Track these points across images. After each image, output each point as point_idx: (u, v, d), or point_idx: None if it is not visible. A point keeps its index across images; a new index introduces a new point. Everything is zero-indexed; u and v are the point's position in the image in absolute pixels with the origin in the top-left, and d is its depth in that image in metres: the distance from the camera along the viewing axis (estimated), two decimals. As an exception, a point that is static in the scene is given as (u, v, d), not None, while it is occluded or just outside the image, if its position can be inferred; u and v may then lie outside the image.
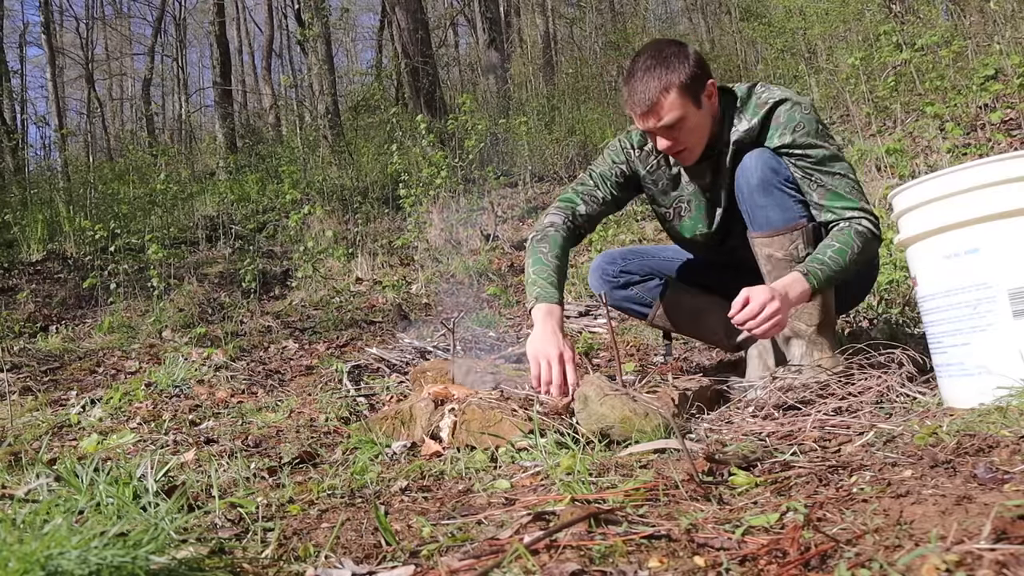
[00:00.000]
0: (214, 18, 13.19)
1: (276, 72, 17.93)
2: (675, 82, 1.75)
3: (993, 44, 5.41)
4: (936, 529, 0.80)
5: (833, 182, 1.80)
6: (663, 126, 1.79)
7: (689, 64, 1.78)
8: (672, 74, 1.75)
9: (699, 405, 1.78)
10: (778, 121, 1.83)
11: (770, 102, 1.84)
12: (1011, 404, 1.33)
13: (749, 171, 1.82)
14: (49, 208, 7.50)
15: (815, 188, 1.81)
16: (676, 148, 1.85)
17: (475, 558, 0.90)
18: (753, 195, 1.82)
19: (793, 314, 1.88)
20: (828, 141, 1.83)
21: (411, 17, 9.02)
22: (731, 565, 0.81)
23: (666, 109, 1.76)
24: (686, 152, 1.87)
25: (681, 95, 1.76)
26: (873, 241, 1.79)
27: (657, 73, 1.75)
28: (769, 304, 1.65)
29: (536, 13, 13.98)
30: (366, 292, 4.96)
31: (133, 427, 2.21)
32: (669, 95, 1.75)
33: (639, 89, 1.77)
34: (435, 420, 1.74)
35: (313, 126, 10.15)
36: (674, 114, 1.76)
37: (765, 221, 1.84)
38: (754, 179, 1.81)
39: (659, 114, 1.77)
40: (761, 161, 1.81)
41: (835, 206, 1.80)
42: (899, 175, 3.91)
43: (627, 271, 2.24)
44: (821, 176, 1.80)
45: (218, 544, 1.02)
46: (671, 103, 1.76)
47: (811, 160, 1.81)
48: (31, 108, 20.09)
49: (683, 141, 1.83)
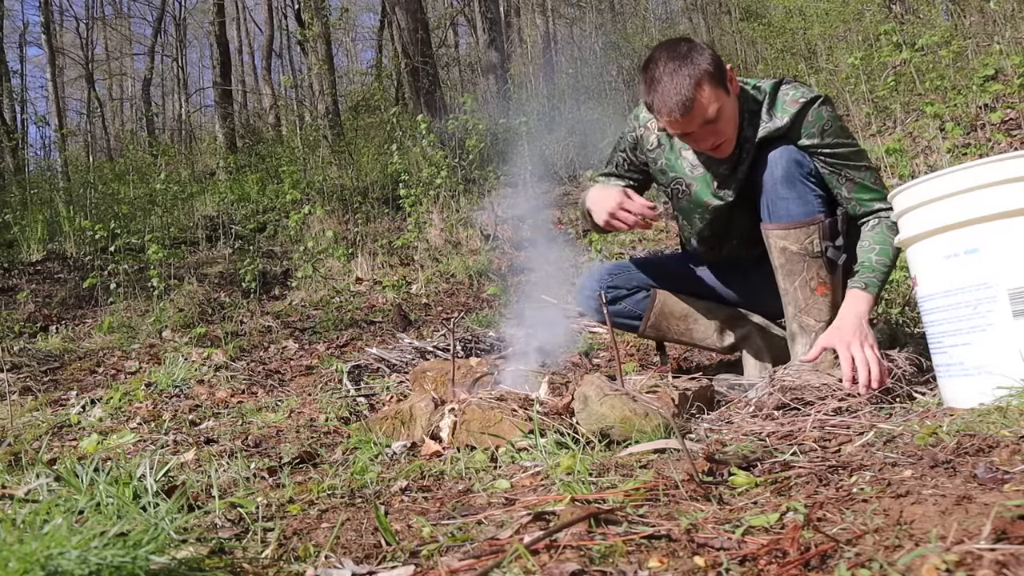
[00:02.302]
0: (214, 18, 13.19)
1: (276, 72, 17.93)
2: (704, 74, 1.71)
3: (993, 44, 5.41)
4: (936, 529, 0.80)
5: (860, 176, 1.86)
6: (707, 121, 1.74)
7: (708, 53, 1.77)
8: (698, 68, 1.71)
9: (699, 405, 1.79)
10: (808, 120, 1.84)
11: (801, 101, 1.84)
12: (1011, 404, 1.33)
13: (775, 164, 1.85)
14: (49, 208, 7.50)
15: (844, 183, 1.87)
16: (717, 141, 1.82)
17: (475, 558, 0.90)
18: (777, 187, 1.85)
19: (802, 309, 1.88)
20: (852, 137, 1.89)
21: (411, 17, 9.01)
22: (731, 565, 0.81)
23: (706, 102, 1.72)
24: (725, 144, 1.85)
25: (712, 85, 1.73)
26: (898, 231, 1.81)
27: (685, 72, 1.71)
28: (863, 350, 1.69)
29: (536, 13, 13.98)
30: (366, 292, 4.96)
31: (133, 427, 2.21)
32: (704, 89, 1.71)
33: (671, 92, 1.71)
34: (435, 420, 1.74)
35: (313, 126, 10.14)
36: (714, 106, 1.73)
37: (785, 213, 1.86)
38: (779, 171, 1.84)
39: (702, 110, 1.73)
40: (787, 154, 1.84)
41: (864, 198, 1.87)
42: (899, 175, 3.91)
43: (614, 286, 2.23)
44: (849, 171, 1.86)
45: (218, 544, 1.02)
46: (708, 96, 1.72)
47: (840, 156, 1.86)
48: (31, 108, 20.07)
49: (723, 132, 1.81)
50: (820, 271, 1.86)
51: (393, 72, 10.76)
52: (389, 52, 12.60)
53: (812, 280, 1.87)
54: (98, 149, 17.02)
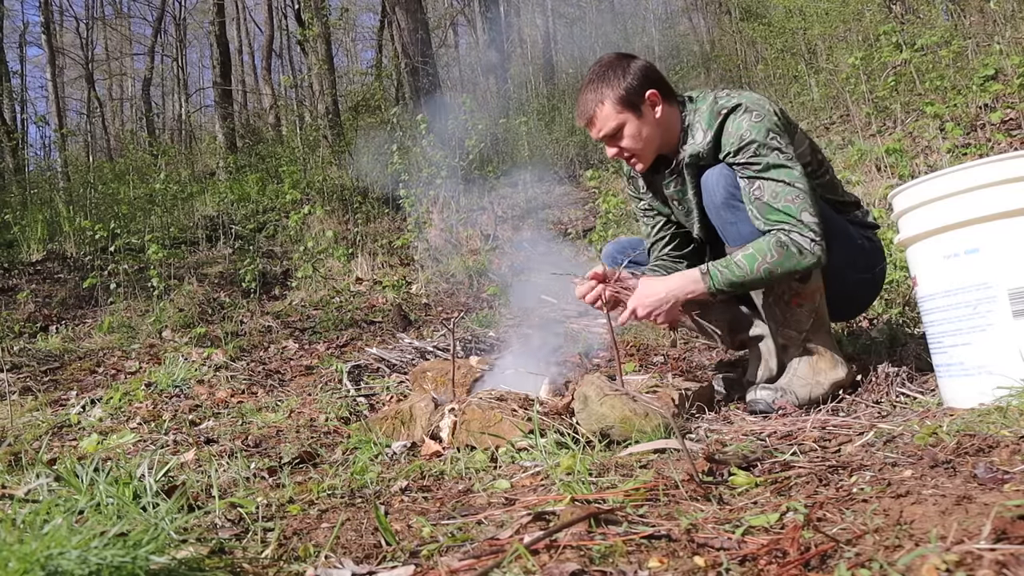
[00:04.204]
0: (214, 18, 13.18)
1: (276, 72, 17.92)
2: (609, 95, 1.87)
3: (993, 44, 5.41)
4: (936, 529, 0.80)
5: (774, 190, 1.74)
6: (603, 136, 1.91)
7: (626, 76, 1.87)
8: (607, 88, 1.87)
9: (699, 405, 1.79)
10: (727, 131, 1.81)
11: (723, 112, 1.83)
12: (1011, 404, 1.33)
13: (712, 190, 1.83)
14: (49, 208, 7.50)
15: (753, 201, 1.77)
16: (622, 156, 1.95)
17: (475, 558, 0.90)
18: (720, 212, 1.83)
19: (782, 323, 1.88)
20: (779, 148, 1.76)
21: (411, 17, 9.01)
22: (731, 565, 0.81)
23: (601, 120, 1.89)
24: (635, 159, 1.95)
25: (616, 106, 1.86)
26: (798, 255, 1.71)
27: (594, 87, 1.89)
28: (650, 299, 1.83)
29: (536, 13, 13.98)
30: (366, 292, 4.96)
31: (133, 427, 2.21)
32: (604, 107, 1.87)
33: (580, 103, 1.93)
34: (435, 420, 1.74)
35: (313, 126, 10.14)
36: (612, 124, 1.88)
37: (736, 235, 1.83)
38: (718, 197, 1.82)
39: (596, 125, 1.90)
40: (723, 178, 1.81)
41: (770, 219, 1.74)
42: (899, 175, 3.91)
43: (635, 262, 2.25)
44: (763, 185, 1.75)
45: (218, 544, 1.02)
46: (606, 114, 1.88)
47: (754, 169, 1.77)
48: (31, 108, 20.08)
49: (628, 149, 1.92)
50: (792, 283, 1.82)
51: (393, 72, 10.77)
52: (389, 52, 12.60)
53: (785, 294, 1.85)
54: (98, 149, 17.02)
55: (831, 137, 5.74)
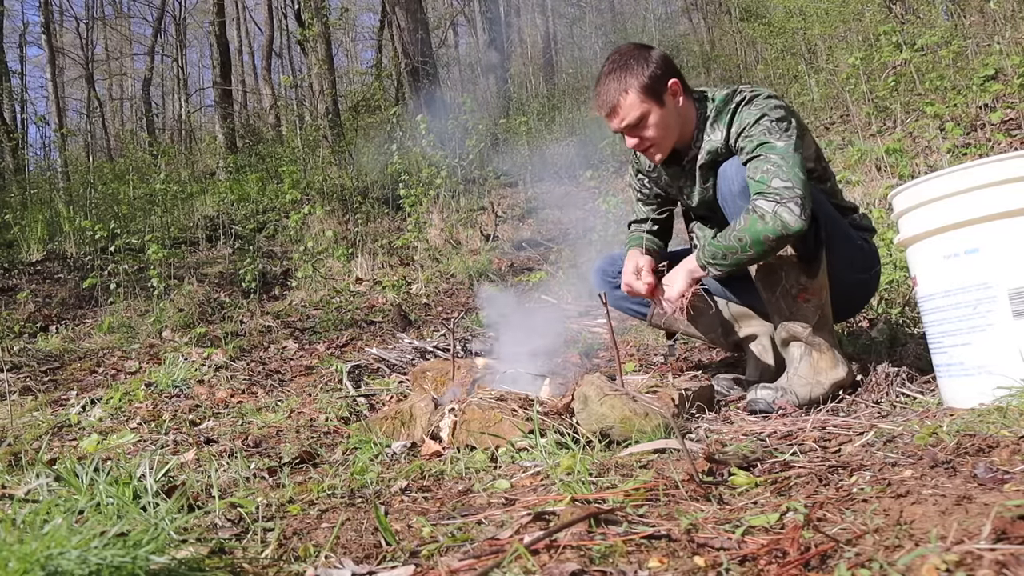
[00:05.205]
0: (214, 18, 13.18)
1: (276, 72, 17.93)
2: (634, 84, 1.85)
3: (993, 44, 5.42)
4: (936, 529, 0.80)
5: (757, 166, 1.74)
6: (626, 125, 1.89)
7: (649, 65, 1.86)
8: (631, 76, 1.86)
9: (699, 405, 1.79)
10: (735, 124, 1.85)
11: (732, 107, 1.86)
12: (1011, 404, 1.33)
13: (730, 178, 1.84)
14: (49, 208, 7.50)
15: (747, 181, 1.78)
16: (643, 146, 1.93)
17: (475, 558, 0.90)
18: (736, 200, 1.84)
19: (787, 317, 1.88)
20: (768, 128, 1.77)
21: (411, 17, 9.02)
22: (731, 565, 0.81)
23: (625, 109, 1.87)
24: (654, 148, 1.94)
25: (640, 95, 1.85)
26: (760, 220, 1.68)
27: (617, 76, 1.87)
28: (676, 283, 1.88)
29: (536, 13, 13.98)
30: (366, 292, 4.96)
31: (133, 427, 2.21)
32: (628, 96, 1.86)
33: (601, 93, 1.90)
34: (435, 420, 1.74)
35: (313, 126, 10.14)
36: (635, 113, 1.86)
37: None
38: (736, 186, 1.83)
39: (619, 114, 1.88)
40: (742, 169, 1.82)
41: (750, 192, 1.76)
42: (899, 175, 3.91)
43: None
44: (751, 164, 1.76)
45: (218, 544, 1.02)
46: (630, 103, 1.86)
47: (746, 152, 1.79)
48: (31, 108, 20.06)
49: (649, 139, 1.91)
50: (800, 277, 1.84)
51: (393, 72, 10.77)
52: (389, 52, 12.60)
53: (792, 288, 1.85)
54: (98, 149, 17.01)
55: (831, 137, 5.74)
